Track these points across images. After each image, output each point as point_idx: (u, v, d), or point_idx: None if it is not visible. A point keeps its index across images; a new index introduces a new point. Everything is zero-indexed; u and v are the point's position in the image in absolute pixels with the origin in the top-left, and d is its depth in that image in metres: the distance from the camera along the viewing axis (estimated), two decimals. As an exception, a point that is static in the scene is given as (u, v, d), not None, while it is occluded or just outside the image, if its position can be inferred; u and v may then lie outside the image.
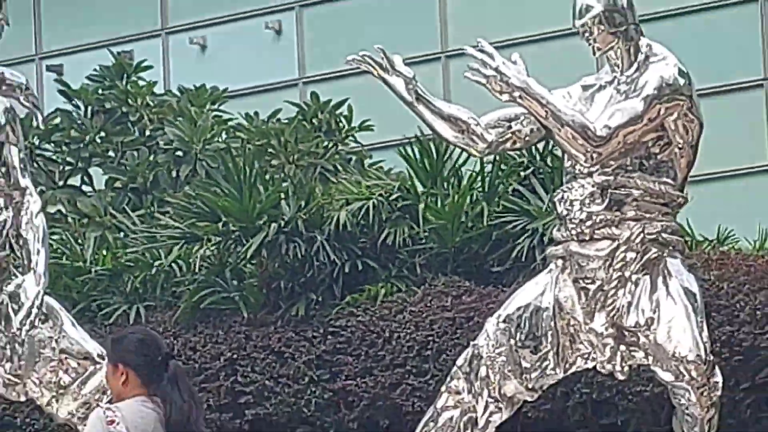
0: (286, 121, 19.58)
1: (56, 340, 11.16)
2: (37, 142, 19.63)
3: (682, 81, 11.17)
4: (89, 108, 21.07)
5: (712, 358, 11.26)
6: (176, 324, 14.93)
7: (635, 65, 11.24)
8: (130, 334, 8.35)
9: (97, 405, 8.60)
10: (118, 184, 20.10)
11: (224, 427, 14.21)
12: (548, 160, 14.91)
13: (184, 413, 7.75)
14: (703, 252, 14.60)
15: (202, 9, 27.93)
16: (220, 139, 19.64)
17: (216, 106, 20.98)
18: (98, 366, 10.76)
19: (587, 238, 11.18)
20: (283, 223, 14.92)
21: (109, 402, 7.95)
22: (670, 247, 11.36)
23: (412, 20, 25.81)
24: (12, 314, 11.03)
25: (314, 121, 19.45)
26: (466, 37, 12.52)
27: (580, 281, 11.23)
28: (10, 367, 11.12)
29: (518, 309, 11.41)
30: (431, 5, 26.25)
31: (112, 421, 7.58)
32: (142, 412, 7.67)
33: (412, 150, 16.05)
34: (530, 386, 11.41)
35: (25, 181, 11.21)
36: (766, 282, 13.46)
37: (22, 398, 11.42)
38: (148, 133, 20.49)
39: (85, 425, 8.32)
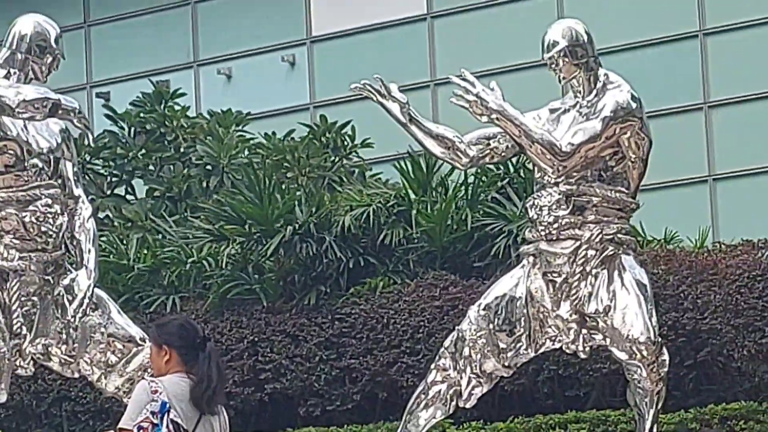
0: (299, 139, 19.61)
1: (104, 326, 11.18)
2: (88, 158, 19.62)
3: (634, 105, 11.25)
4: (132, 129, 21.12)
5: (660, 339, 11.35)
6: (206, 312, 14.96)
7: (594, 91, 11.32)
8: (173, 320, 8.51)
9: (142, 379, 8.63)
10: (156, 193, 20.14)
11: (247, 399, 14.23)
12: (521, 172, 14.94)
13: (208, 384, 7.82)
14: (652, 250, 14.63)
15: (227, 44, 27.91)
16: (243, 155, 19.67)
17: (240, 127, 20.99)
18: (140, 348, 10.79)
19: (554, 238, 11.26)
20: (297, 226, 14.95)
21: (152, 377, 8.01)
22: (625, 246, 11.45)
23: (406, 53, 25.79)
24: (67, 304, 11.04)
25: (323, 139, 19.48)
26: (451, 68, 12.57)
27: (548, 275, 11.31)
28: (66, 349, 11.13)
29: (496, 298, 11.48)
30: (422, 40, 26.23)
31: (156, 391, 7.66)
32: (180, 385, 7.75)
33: (406, 164, 16.09)
34: (506, 364, 11.47)
35: (78, 191, 11.24)
36: (706, 275, 13.50)
37: (76, 375, 11.44)
38: (182, 150, 20.53)
39: (129, 398, 8.37)
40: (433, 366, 11.62)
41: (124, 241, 17.06)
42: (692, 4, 24.68)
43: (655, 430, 11.27)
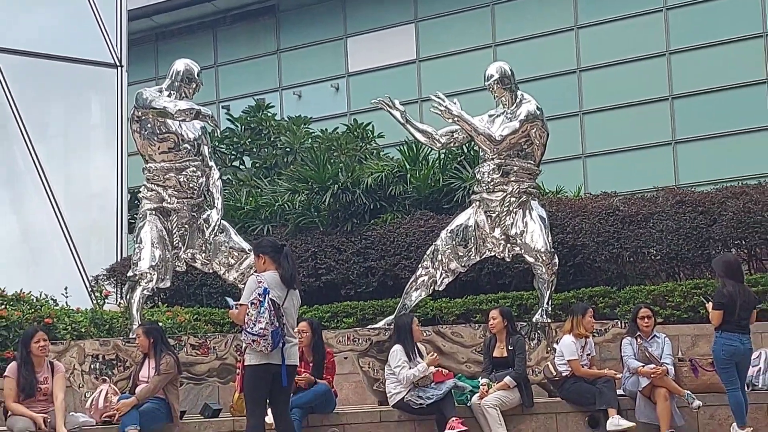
0: (341, 133, 19.55)
1: (227, 242, 11.19)
2: (217, 144, 19.59)
3: (538, 112, 11.22)
4: (243, 127, 21.08)
5: (552, 250, 11.37)
6: (287, 235, 14.96)
7: (515, 104, 11.30)
8: (263, 239, 8.72)
9: (251, 274, 8.66)
10: (257, 165, 20.13)
11: (311, 286, 14.22)
12: (471, 152, 14.88)
13: (289, 273, 7.85)
14: (549, 197, 14.60)
15: (299, 77, 27.73)
16: (308, 143, 19.63)
17: (306, 126, 20.93)
18: (248, 255, 10.81)
19: (491, 190, 11.29)
20: (340, 184, 14.94)
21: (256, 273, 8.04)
22: (533, 195, 11.48)
23: (404, 81, 25.60)
24: (205, 229, 11.06)
25: (355, 133, 19.43)
26: (431, 89, 12.54)
27: (487, 212, 11.34)
28: (204, 256, 11.16)
29: (457, 226, 11.51)
30: (413, 74, 26.09)
31: (260, 282, 7.76)
32: (273, 277, 7.87)
33: (404, 147, 16.06)
34: (463, 264, 11.51)
35: (211, 163, 11.26)
36: (580, 212, 13.49)
37: (211, 271, 11.47)
38: (272, 139, 20.48)
39: (243, 285, 8.39)
40: (420, 266, 11.67)
41: (238, 193, 17.07)
42: (572, 51, 24.58)
43: (549, 303, 11.30)
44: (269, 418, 8.26)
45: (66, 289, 13.23)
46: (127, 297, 11.09)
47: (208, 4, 28.42)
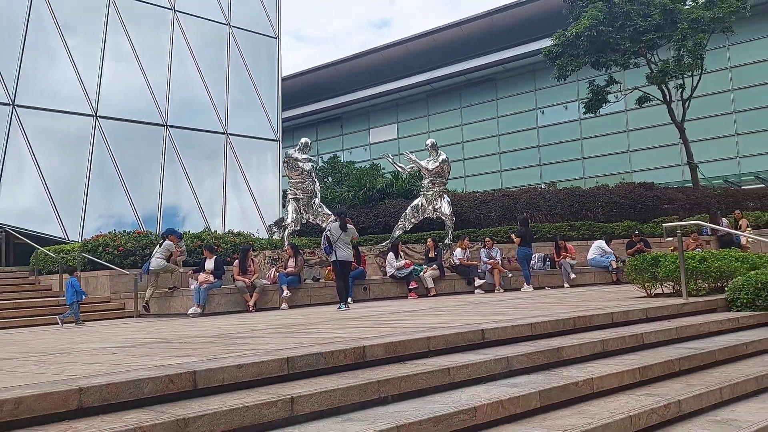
0: (367, 168, 19.25)
1: (323, 211, 10.82)
2: (318, 171, 19.01)
3: (447, 158, 10.86)
4: (328, 165, 20.78)
5: (453, 214, 11.05)
6: (345, 208, 14.66)
7: (438, 155, 10.96)
8: (336, 208, 8.25)
9: (328, 223, 8.47)
10: (335, 180, 19.81)
11: (356, 227, 13.88)
12: (419, 174, 14.64)
13: (340, 223, 7.50)
14: (452, 193, 14.35)
15: (352, 144, 27.53)
16: (354, 172, 19.31)
17: (354, 165, 20.67)
18: (331, 216, 10.53)
19: (428, 190, 10.98)
20: (366, 188, 14.67)
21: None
22: (445, 192, 11.09)
23: (393, 147, 25.37)
24: (313, 206, 10.73)
25: (373, 167, 19.10)
26: (404, 149, 12.35)
27: (426, 199, 11.02)
28: (314, 218, 10.78)
29: (414, 204, 11.18)
30: (395, 144, 25.86)
31: (328, 228, 7.40)
32: (335, 225, 7.45)
33: (393, 173, 15.79)
34: (416, 220, 11.20)
35: (316, 180, 10.85)
36: (462, 199, 13.23)
37: (315, 223, 11.19)
38: (340, 170, 20.20)
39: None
40: (399, 221, 11.36)
41: (326, 192, 16.74)
42: (459, 134, 24.26)
43: (451, 236, 11.11)
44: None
45: (257, 230, 13.50)
46: (282, 233, 11.02)
47: (312, 116, 28.47)
